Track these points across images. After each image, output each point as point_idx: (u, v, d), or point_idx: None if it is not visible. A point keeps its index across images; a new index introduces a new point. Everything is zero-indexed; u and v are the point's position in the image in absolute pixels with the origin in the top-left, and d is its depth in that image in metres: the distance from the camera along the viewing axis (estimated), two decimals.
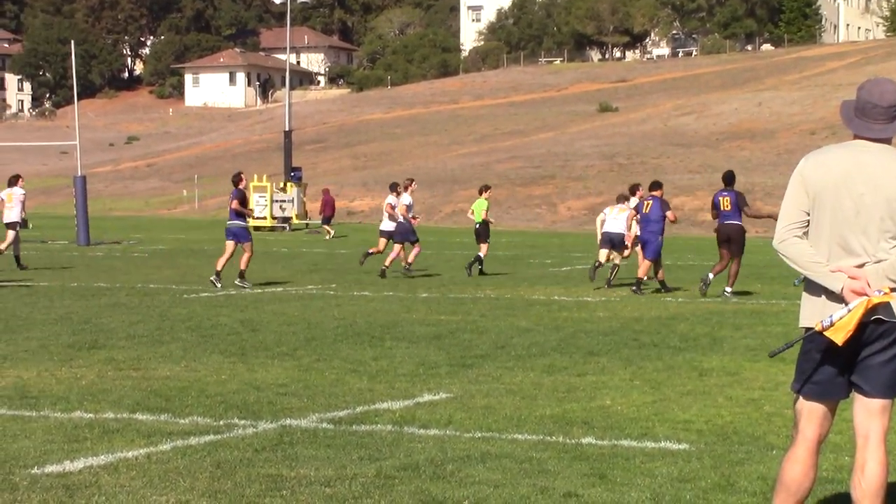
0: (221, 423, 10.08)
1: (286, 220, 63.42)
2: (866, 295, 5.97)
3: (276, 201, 63.45)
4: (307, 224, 64.25)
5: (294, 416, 10.37)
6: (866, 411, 6.15)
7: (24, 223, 31.73)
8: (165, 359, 13.90)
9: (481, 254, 29.81)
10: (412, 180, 30.64)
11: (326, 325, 17.72)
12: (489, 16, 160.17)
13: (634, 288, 24.41)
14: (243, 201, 25.22)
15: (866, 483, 6.09)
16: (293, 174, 66.02)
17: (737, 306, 21.14)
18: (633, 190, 28.29)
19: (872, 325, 6.02)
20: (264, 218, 63.07)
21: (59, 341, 15.51)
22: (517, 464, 8.61)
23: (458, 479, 8.15)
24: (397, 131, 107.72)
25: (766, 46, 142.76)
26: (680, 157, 77.01)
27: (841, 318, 5.96)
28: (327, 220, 55.82)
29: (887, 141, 6.15)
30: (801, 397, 6.23)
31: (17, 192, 31.75)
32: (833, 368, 6.12)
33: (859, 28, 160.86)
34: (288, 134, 68.15)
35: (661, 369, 13.36)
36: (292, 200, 64.13)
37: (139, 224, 65.85)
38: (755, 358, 14.25)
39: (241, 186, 25.24)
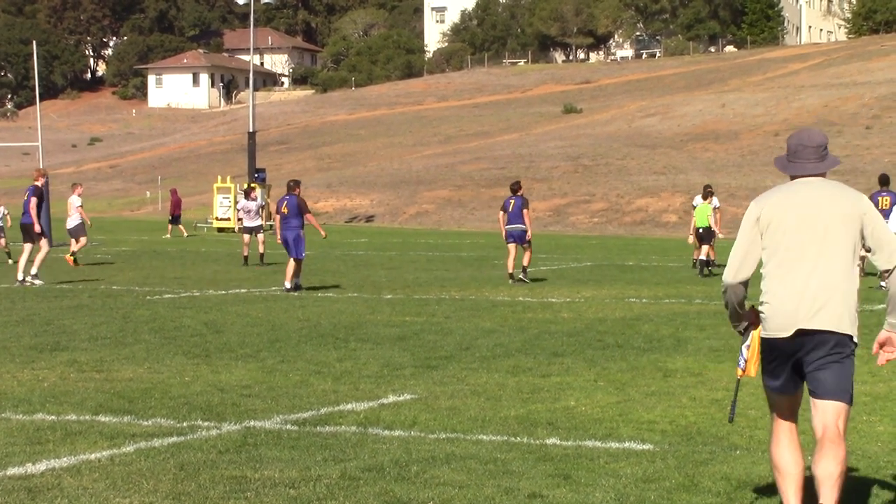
0: (185, 424, 10.04)
1: None
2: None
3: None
4: (271, 225, 64.13)
5: (258, 418, 10.34)
6: (820, 412, 6.81)
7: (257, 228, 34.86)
8: (128, 360, 13.84)
9: (704, 256, 30.24)
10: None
11: (290, 326, 17.68)
12: (453, 17, 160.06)
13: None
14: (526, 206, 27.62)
15: (822, 474, 6.71)
16: (257, 175, 65.88)
17: (701, 307, 21.21)
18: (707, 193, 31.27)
19: (809, 336, 6.77)
20: (228, 219, 62.98)
21: (20, 343, 15.42)
22: (482, 465, 8.61)
23: (423, 481, 8.14)
24: (361, 132, 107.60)
25: (730, 48, 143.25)
26: (644, 158, 77.23)
27: (748, 355, 7.06)
28: (176, 220, 55.99)
29: (822, 175, 7.02)
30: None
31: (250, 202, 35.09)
32: (783, 372, 6.91)
33: (821, 30, 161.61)
34: (252, 135, 67.98)
35: (626, 370, 13.39)
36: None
37: (102, 225, 65.47)
38: (719, 359, 14.29)
39: (520, 193, 27.55)
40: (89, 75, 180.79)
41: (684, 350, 15.12)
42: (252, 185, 60.25)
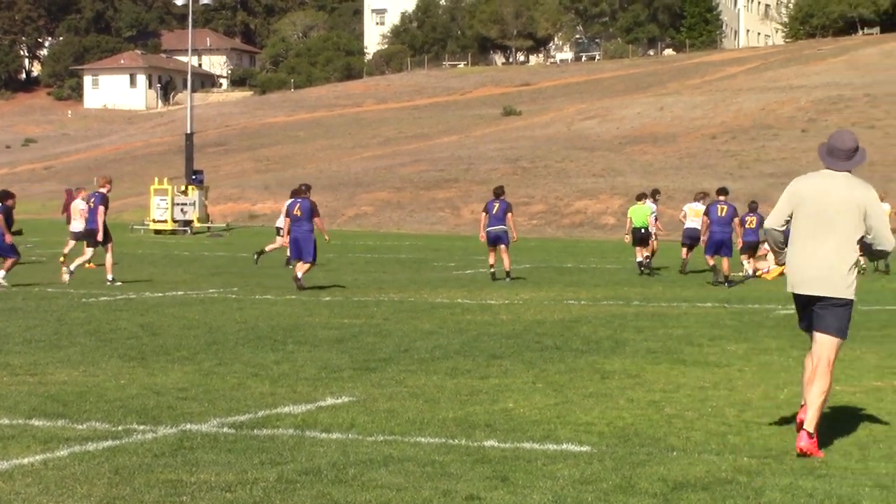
0: (120, 428, 9.95)
1: (187, 223, 63.03)
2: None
3: (177, 204, 63.08)
4: (209, 227, 63.88)
5: (194, 421, 10.26)
6: (817, 344, 9.44)
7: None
8: (63, 364, 13.70)
9: (640, 257, 30.76)
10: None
11: (228, 328, 17.58)
12: (393, 19, 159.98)
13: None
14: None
15: (809, 399, 9.32)
16: (195, 177, 65.59)
17: (638, 309, 21.30)
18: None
19: (816, 297, 9.39)
20: (165, 221, 62.65)
21: None
22: (420, 467, 8.59)
23: (361, 483, 8.11)
24: (300, 134, 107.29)
25: (669, 52, 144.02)
26: (583, 160, 77.49)
27: (770, 271, 10.62)
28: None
29: (847, 170, 9.53)
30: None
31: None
32: (803, 317, 9.61)
33: (759, 34, 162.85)
34: (189, 136, 67.65)
35: (564, 372, 13.41)
36: (193, 203, 63.77)
37: (37, 227, 64.86)
38: (656, 360, 14.36)
39: (503, 197, 29.60)
40: (24, 76, 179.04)
41: (622, 352, 15.17)
42: (189, 186, 59.56)
